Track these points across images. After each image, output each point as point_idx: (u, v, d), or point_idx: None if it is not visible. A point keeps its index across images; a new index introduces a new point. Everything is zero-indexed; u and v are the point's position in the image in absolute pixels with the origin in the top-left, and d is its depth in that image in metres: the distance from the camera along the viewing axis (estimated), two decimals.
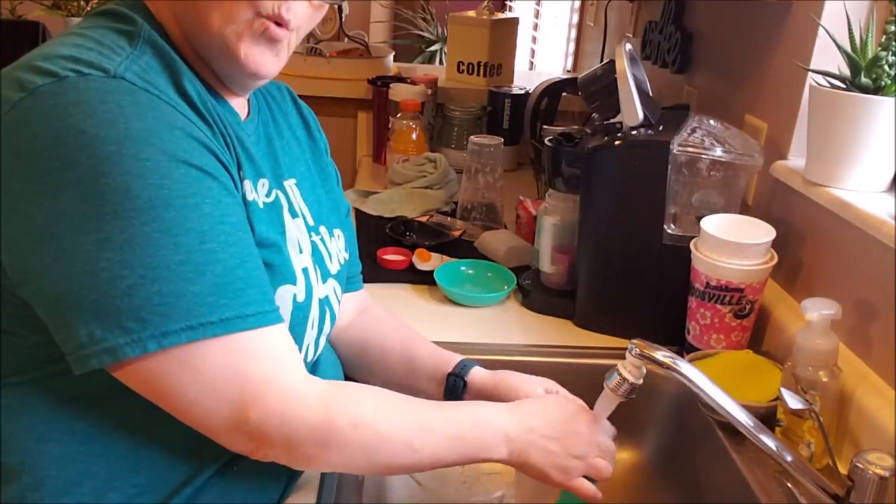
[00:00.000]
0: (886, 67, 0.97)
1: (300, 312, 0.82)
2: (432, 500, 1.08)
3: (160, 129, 0.67)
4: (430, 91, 2.02)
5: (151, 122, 0.67)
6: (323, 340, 0.91)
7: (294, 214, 0.87)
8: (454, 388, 0.97)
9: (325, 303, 0.89)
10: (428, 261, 1.40)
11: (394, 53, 2.43)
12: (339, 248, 0.97)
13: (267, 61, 0.77)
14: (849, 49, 0.99)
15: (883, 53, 0.97)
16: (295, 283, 0.81)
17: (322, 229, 0.93)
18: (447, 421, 0.81)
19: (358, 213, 1.69)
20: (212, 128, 0.74)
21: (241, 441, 0.71)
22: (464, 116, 2.05)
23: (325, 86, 2.18)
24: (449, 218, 1.65)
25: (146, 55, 0.72)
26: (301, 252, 0.84)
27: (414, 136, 1.87)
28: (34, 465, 0.74)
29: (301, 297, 0.82)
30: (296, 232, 0.85)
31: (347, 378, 1.05)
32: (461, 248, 1.51)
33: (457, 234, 1.56)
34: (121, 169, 0.64)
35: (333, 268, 0.93)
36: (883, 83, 0.98)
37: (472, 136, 1.64)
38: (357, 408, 0.75)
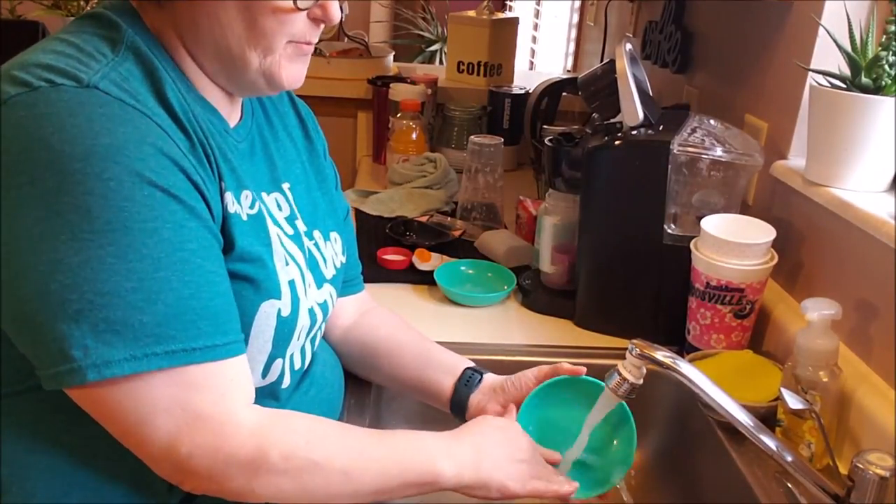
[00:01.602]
0: (887, 67, 0.97)
1: (285, 327, 0.81)
2: (432, 500, 1.08)
3: (128, 146, 0.66)
4: (430, 91, 2.02)
5: (120, 137, 0.66)
6: (310, 347, 0.91)
7: (291, 219, 0.87)
8: (470, 380, 0.97)
9: (315, 310, 0.88)
10: (428, 261, 1.40)
11: (394, 53, 2.43)
12: (335, 251, 0.96)
13: (302, 73, 0.80)
14: (849, 49, 0.99)
15: (883, 53, 0.97)
16: (279, 298, 0.80)
17: (316, 234, 0.92)
18: (387, 448, 0.79)
19: (358, 213, 1.69)
20: (191, 139, 0.73)
21: (169, 471, 0.71)
22: (464, 116, 2.05)
23: (325, 86, 2.18)
24: (449, 218, 1.65)
25: (128, 62, 0.71)
26: (287, 264, 0.83)
27: (414, 135, 1.87)
28: (24, 478, 0.74)
29: (286, 312, 0.81)
30: (283, 242, 0.83)
31: (351, 376, 1.05)
32: (461, 248, 1.51)
33: (457, 234, 1.56)
34: (83, 188, 0.64)
35: (328, 272, 0.92)
36: (883, 83, 0.98)
37: (472, 136, 1.64)
38: (290, 438, 0.73)
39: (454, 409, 0.98)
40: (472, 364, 1.00)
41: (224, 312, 0.72)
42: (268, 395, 0.84)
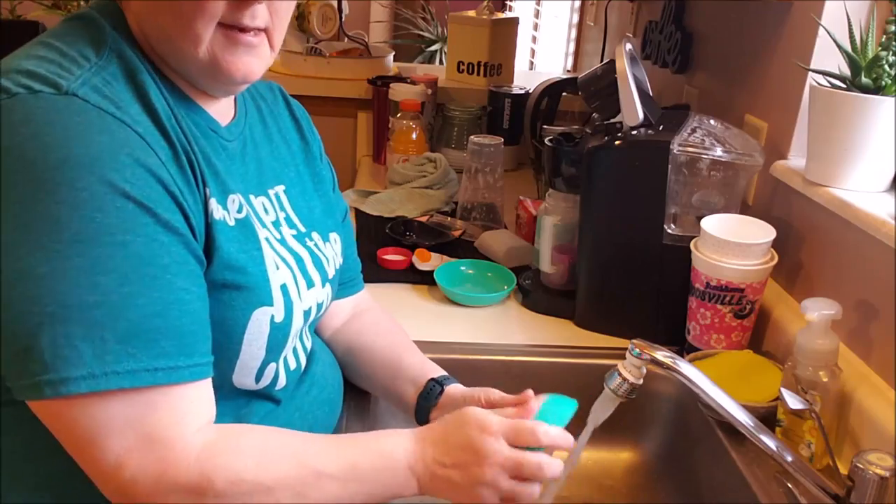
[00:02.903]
0: (887, 67, 0.97)
1: (279, 332, 0.80)
2: (432, 500, 1.08)
3: (104, 155, 0.65)
4: (430, 91, 2.02)
5: (96, 146, 0.65)
6: (301, 347, 0.90)
7: (277, 224, 0.85)
8: (430, 392, 0.93)
9: (311, 311, 0.87)
10: (428, 261, 1.40)
11: (394, 53, 2.43)
12: (335, 252, 0.95)
13: (252, 65, 0.75)
14: (849, 49, 0.99)
15: (883, 53, 0.97)
16: (272, 304, 0.78)
17: (315, 235, 0.91)
18: (344, 463, 0.74)
19: (358, 213, 1.68)
20: (173, 146, 0.71)
21: (112, 492, 0.68)
22: (464, 116, 2.05)
23: (325, 86, 2.18)
24: (449, 218, 1.65)
25: (112, 66, 0.70)
26: (278, 268, 0.81)
27: (414, 135, 1.87)
28: (23, 486, 0.74)
29: (280, 318, 0.79)
30: (273, 246, 0.82)
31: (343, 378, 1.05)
32: (461, 248, 1.51)
33: (457, 234, 1.56)
34: (55, 197, 0.63)
35: (330, 271, 0.92)
36: (883, 83, 0.98)
37: (472, 136, 1.64)
38: (237, 461, 0.70)
39: (419, 422, 0.94)
40: (439, 374, 0.95)
41: (192, 333, 0.69)
42: (264, 398, 0.84)
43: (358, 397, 1.05)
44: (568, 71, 3.19)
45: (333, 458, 0.75)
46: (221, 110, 0.82)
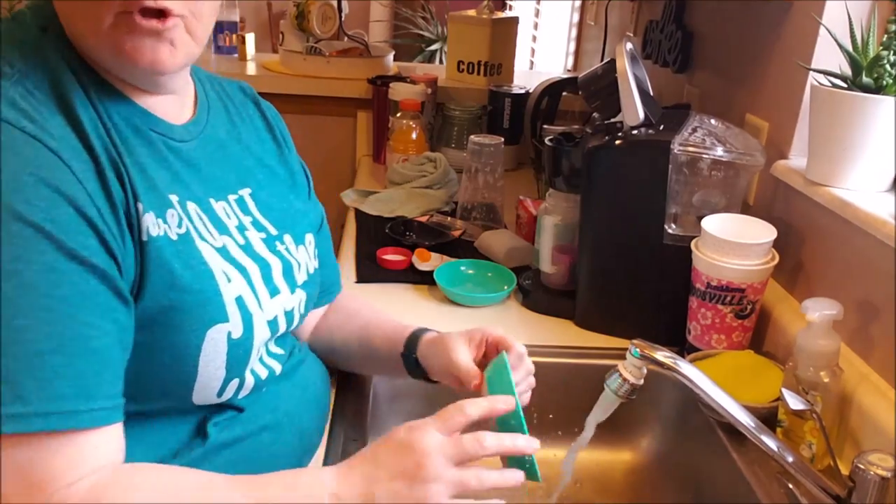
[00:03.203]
0: (888, 67, 0.97)
1: (238, 349, 0.76)
2: None
3: (3, 175, 0.60)
4: (430, 90, 2.01)
5: None
6: (274, 355, 0.86)
7: (242, 228, 0.81)
8: (411, 365, 0.95)
9: (278, 320, 0.83)
10: (428, 261, 1.40)
11: (394, 53, 2.43)
12: (308, 255, 0.91)
13: (160, 53, 0.69)
14: (850, 48, 0.99)
15: (884, 53, 0.97)
16: (227, 320, 0.74)
17: (287, 238, 0.88)
18: (253, 500, 0.68)
19: (358, 213, 1.68)
20: (96, 159, 0.67)
21: None
22: (464, 116, 2.05)
23: (325, 85, 2.18)
24: (449, 218, 1.65)
25: (36, 74, 0.67)
26: (230, 281, 0.76)
27: (414, 135, 1.87)
28: None
29: (238, 333, 0.75)
30: (230, 255, 0.77)
31: (347, 377, 1.05)
32: (461, 248, 1.51)
33: (457, 234, 1.56)
34: None
35: (301, 277, 0.88)
36: (884, 83, 0.98)
37: (472, 136, 1.64)
38: (129, 497, 0.64)
39: (414, 374, 0.96)
40: (404, 342, 0.95)
41: (94, 374, 0.63)
42: (227, 408, 0.80)
43: (357, 402, 1.05)
44: (568, 71, 3.18)
45: (241, 494, 0.69)
46: (171, 109, 0.78)
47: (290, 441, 0.87)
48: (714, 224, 1.11)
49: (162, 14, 0.68)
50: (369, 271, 1.40)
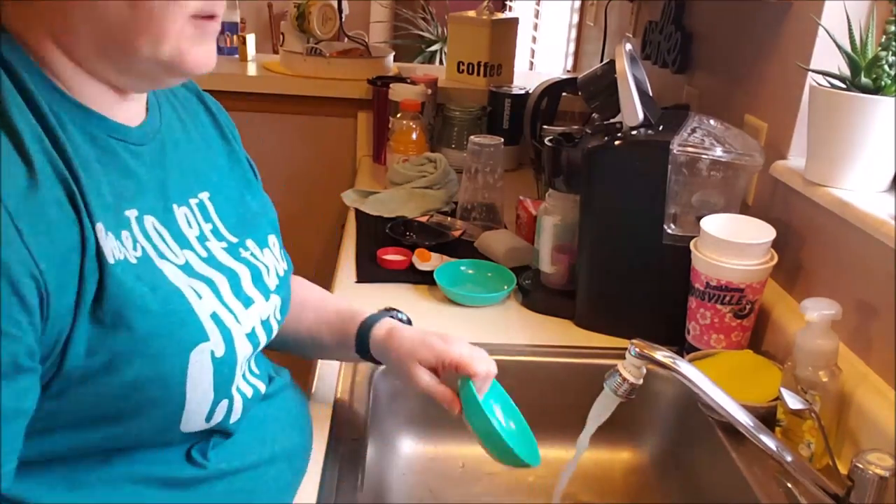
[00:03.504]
0: (886, 67, 0.97)
1: (224, 367, 0.72)
2: (431, 499, 1.08)
3: None
4: (430, 91, 2.02)
5: None
6: (253, 373, 0.82)
7: (202, 238, 0.76)
8: (372, 361, 0.95)
9: (257, 331, 0.78)
10: (428, 261, 1.40)
11: (394, 53, 2.43)
12: (275, 257, 0.86)
13: (212, 56, 0.69)
14: (849, 49, 0.99)
15: (883, 53, 0.97)
16: (208, 339, 0.70)
17: (250, 243, 0.82)
18: None
19: (358, 213, 1.69)
20: (34, 176, 0.59)
21: None
22: (464, 116, 2.05)
23: (325, 86, 2.18)
24: (449, 218, 1.65)
25: None
26: (201, 297, 0.71)
27: (414, 136, 1.87)
28: None
29: (220, 351, 0.71)
30: (196, 270, 0.72)
31: (347, 379, 1.04)
32: (461, 248, 1.51)
33: (457, 234, 1.56)
34: None
35: (272, 282, 0.82)
36: (883, 83, 0.98)
37: (472, 136, 1.64)
38: None
39: (365, 356, 0.95)
40: (354, 340, 0.95)
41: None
42: (217, 433, 0.77)
43: (356, 398, 1.05)
44: (568, 71, 3.19)
45: None
46: (127, 111, 0.72)
47: (282, 468, 0.85)
48: (713, 224, 1.11)
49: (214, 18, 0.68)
50: (369, 271, 1.40)
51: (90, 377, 0.63)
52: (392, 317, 0.98)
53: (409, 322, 1.06)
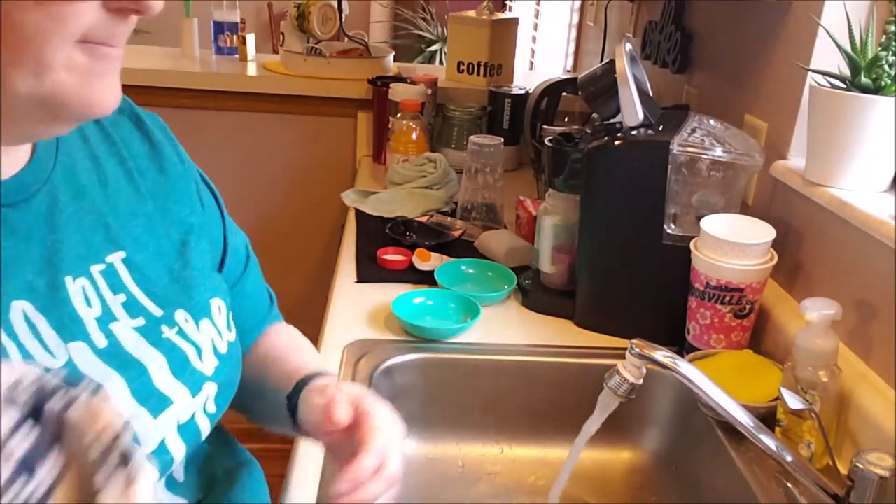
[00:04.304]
0: (886, 67, 0.97)
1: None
2: (431, 499, 1.08)
3: None
4: (430, 91, 2.02)
5: None
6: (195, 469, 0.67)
7: (106, 319, 0.60)
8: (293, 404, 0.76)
9: (167, 444, 0.61)
10: (428, 261, 1.40)
11: (394, 53, 2.43)
12: (216, 329, 0.69)
13: (115, 93, 0.54)
14: (849, 49, 0.99)
15: (883, 53, 0.97)
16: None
17: (181, 315, 0.66)
18: None
19: (358, 213, 1.69)
20: None
21: None
22: (464, 116, 2.05)
23: (325, 86, 2.18)
24: (449, 218, 1.65)
25: None
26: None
27: (414, 136, 1.87)
28: None
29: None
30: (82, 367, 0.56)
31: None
32: (461, 248, 1.51)
33: (457, 234, 1.56)
34: None
35: (208, 365, 0.66)
36: (883, 83, 0.98)
37: (472, 136, 1.64)
38: None
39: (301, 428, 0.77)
40: (288, 406, 0.77)
41: None
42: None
43: None
44: (568, 71, 3.19)
45: None
46: (9, 157, 0.57)
47: None
48: (713, 224, 1.11)
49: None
50: (369, 271, 1.40)
51: None
52: None
53: None
